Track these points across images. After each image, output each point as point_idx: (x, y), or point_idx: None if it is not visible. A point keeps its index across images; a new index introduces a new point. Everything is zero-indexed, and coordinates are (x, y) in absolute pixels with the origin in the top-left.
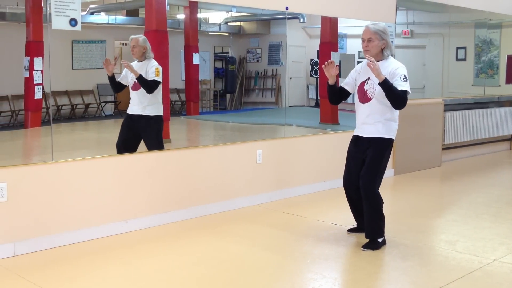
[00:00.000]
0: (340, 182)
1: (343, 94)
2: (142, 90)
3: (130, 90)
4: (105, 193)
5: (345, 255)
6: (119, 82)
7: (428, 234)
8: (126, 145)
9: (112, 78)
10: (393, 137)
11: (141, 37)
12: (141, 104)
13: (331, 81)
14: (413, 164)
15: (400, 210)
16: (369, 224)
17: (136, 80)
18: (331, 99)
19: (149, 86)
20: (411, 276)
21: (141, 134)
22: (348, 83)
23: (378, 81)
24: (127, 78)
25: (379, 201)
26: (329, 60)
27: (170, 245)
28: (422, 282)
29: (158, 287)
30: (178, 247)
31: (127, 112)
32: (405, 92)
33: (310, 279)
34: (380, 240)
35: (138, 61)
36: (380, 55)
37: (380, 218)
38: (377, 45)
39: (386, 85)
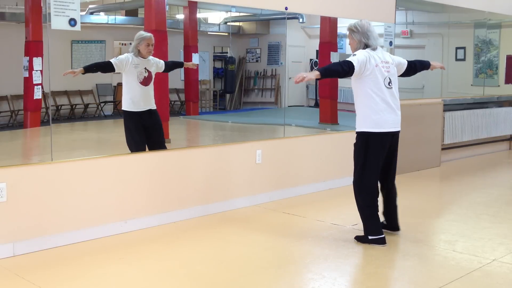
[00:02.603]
0: (339, 182)
1: None
2: (151, 85)
3: (138, 86)
4: (104, 193)
5: (345, 255)
6: (103, 64)
7: (428, 234)
8: (142, 145)
9: (88, 70)
10: (367, 130)
11: None
12: (150, 100)
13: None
14: (413, 164)
15: (400, 210)
16: (360, 218)
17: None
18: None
19: (176, 63)
20: (411, 276)
21: (149, 129)
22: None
23: (318, 79)
24: (129, 70)
25: (362, 200)
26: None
27: (169, 245)
28: (422, 282)
29: (158, 287)
30: (177, 247)
31: (133, 110)
32: (344, 60)
33: (309, 279)
34: (371, 237)
35: (142, 58)
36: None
37: (366, 216)
38: (351, 42)
39: (324, 73)
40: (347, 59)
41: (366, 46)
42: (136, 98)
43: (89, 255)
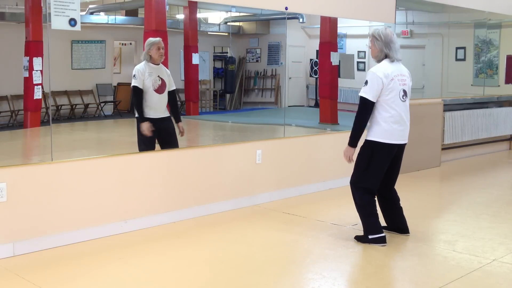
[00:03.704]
0: (339, 182)
1: None
2: (166, 93)
3: (153, 93)
4: (105, 193)
5: (344, 255)
6: (136, 96)
7: (428, 234)
8: (151, 148)
9: (142, 113)
10: (375, 139)
11: None
12: (163, 107)
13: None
14: (413, 164)
15: None
16: (360, 218)
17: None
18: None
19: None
20: (411, 276)
21: (163, 132)
22: None
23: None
24: (145, 79)
25: (360, 200)
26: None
27: (169, 245)
28: (422, 282)
29: (158, 287)
30: (177, 247)
31: (147, 116)
32: (360, 99)
33: (309, 279)
34: (371, 236)
35: (154, 64)
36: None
37: (365, 216)
38: (372, 48)
39: (357, 137)
40: (362, 95)
41: (386, 56)
42: (152, 105)
43: (89, 255)
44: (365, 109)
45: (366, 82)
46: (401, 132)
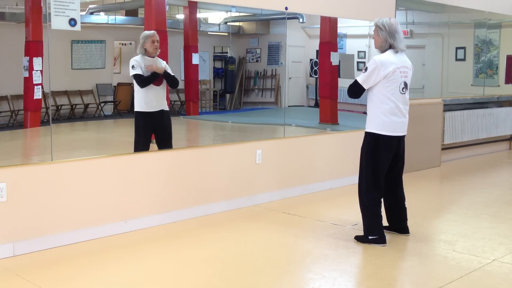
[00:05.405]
0: (339, 182)
1: None
2: (164, 85)
3: (151, 86)
4: (104, 193)
5: (344, 255)
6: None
7: (428, 234)
8: (147, 146)
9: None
10: (376, 131)
11: None
12: (163, 100)
13: None
14: (413, 164)
15: None
16: (362, 218)
17: (162, 76)
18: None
19: (175, 80)
20: (411, 276)
21: (158, 130)
22: None
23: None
24: (142, 68)
25: (365, 199)
26: None
27: (169, 245)
28: (422, 282)
29: (158, 287)
30: (177, 247)
31: (145, 110)
32: (354, 82)
33: (309, 279)
34: (371, 237)
35: (149, 57)
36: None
37: (368, 216)
38: (375, 38)
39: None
40: (358, 80)
41: (390, 46)
42: (149, 98)
43: (89, 255)
44: (356, 90)
45: (366, 69)
46: (400, 124)
